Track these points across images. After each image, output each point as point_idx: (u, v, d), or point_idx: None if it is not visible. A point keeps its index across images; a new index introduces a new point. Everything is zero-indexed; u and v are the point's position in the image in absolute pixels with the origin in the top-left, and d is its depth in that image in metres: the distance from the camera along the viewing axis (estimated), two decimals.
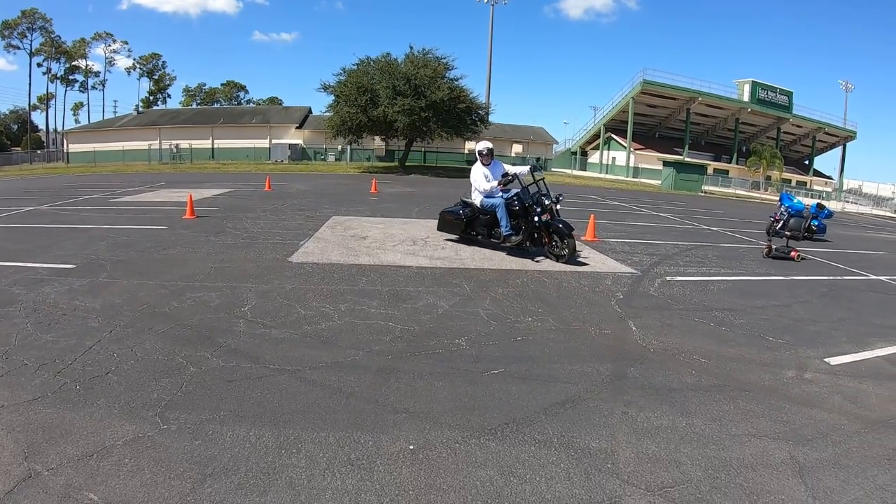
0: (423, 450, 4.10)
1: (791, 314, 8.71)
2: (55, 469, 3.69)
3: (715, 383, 5.67)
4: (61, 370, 5.25)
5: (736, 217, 26.94)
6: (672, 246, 14.55)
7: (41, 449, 3.92)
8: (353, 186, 30.51)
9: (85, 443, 4.02)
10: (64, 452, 3.88)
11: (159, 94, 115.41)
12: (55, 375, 5.13)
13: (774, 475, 4.02)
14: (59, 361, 5.45)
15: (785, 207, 16.74)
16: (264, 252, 10.95)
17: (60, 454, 3.86)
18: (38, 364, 5.37)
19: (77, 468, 3.71)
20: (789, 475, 4.03)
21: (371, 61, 48.78)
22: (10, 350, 5.72)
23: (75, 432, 4.14)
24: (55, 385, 4.93)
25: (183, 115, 76.26)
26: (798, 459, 4.26)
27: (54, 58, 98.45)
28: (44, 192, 25.66)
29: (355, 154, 63.74)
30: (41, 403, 4.58)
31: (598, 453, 4.16)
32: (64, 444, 3.98)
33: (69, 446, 3.96)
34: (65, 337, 6.13)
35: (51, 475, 3.63)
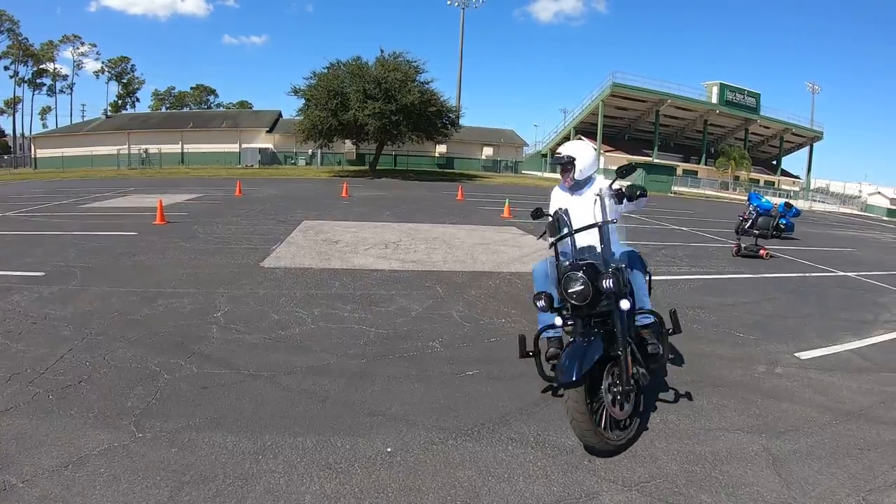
0: (400, 452, 4.10)
1: (761, 311, 8.82)
2: (30, 480, 3.64)
3: (687, 379, 5.73)
4: (33, 380, 5.16)
5: (705, 217, 27.27)
6: (642, 245, 14.59)
7: (15, 460, 3.85)
8: (325, 190, 30.44)
9: (59, 453, 3.96)
10: (38, 463, 3.82)
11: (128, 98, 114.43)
12: (27, 385, 5.05)
13: (749, 467, 4.07)
14: (30, 371, 5.36)
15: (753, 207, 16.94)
16: (236, 257, 10.87)
17: (35, 465, 3.80)
18: (9, 374, 5.28)
19: (52, 479, 3.66)
20: (763, 467, 4.09)
21: (341, 65, 48.73)
22: None
23: (49, 442, 4.08)
24: (27, 395, 4.85)
25: (152, 119, 75.50)
26: (772, 451, 4.32)
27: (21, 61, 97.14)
28: (11, 198, 25.25)
29: (326, 158, 63.51)
30: (13, 414, 4.51)
31: (574, 451, 4.19)
32: (38, 455, 3.92)
33: (43, 457, 3.90)
34: (36, 346, 6.03)
35: (26, 487, 3.57)
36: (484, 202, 26.36)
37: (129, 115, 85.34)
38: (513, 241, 14.06)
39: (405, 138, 47.60)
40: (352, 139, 52.25)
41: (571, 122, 79.70)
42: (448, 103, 51.07)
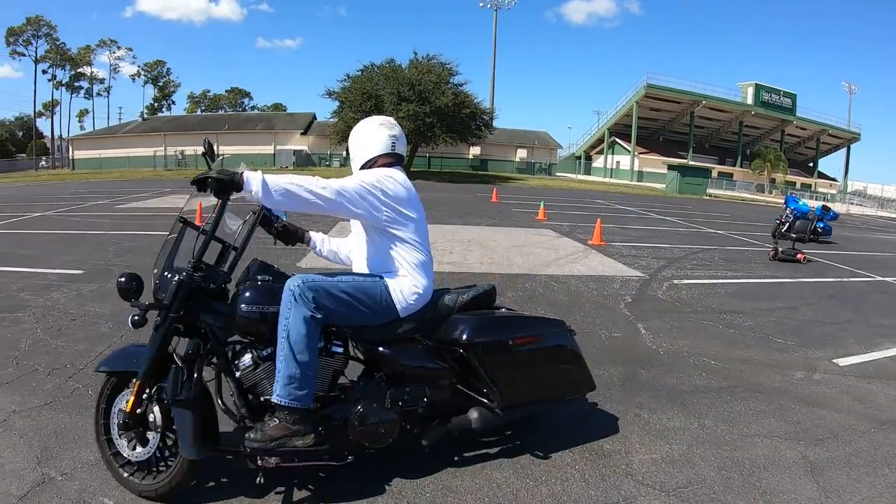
0: (439, 452, 4.09)
1: (798, 316, 8.74)
2: (69, 474, 3.69)
3: (725, 385, 5.70)
4: (73, 375, 5.27)
5: (741, 220, 26.94)
6: (678, 249, 14.58)
7: (54, 454, 3.92)
8: None
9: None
10: (77, 457, 3.88)
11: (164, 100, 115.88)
12: (66, 380, 5.15)
13: (787, 475, 4.04)
14: (70, 366, 5.47)
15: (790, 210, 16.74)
16: (273, 257, 10.84)
17: (74, 459, 3.86)
18: (49, 369, 5.40)
19: (91, 473, 3.70)
20: (801, 475, 4.05)
21: (375, 67, 48.97)
22: (20, 355, 5.75)
23: (88, 437, 4.07)
24: (67, 390, 4.95)
25: (188, 121, 76.45)
26: (809, 459, 4.28)
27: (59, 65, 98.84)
28: (50, 198, 25.75)
29: None
30: (53, 408, 4.60)
31: (612, 454, 4.18)
32: (77, 449, 3.98)
33: (83, 451, 3.95)
34: (75, 342, 6.16)
35: (65, 480, 3.62)
36: (518, 204, 26.35)
37: (166, 117, 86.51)
38: (548, 244, 14.06)
39: (439, 140, 47.63)
40: None
41: (605, 123, 79.34)
42: (482, 105, 51.04)
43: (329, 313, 3.43)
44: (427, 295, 3.75)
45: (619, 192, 47.11)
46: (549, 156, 74.25)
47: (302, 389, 3.30)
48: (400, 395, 3.68)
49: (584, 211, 24.66)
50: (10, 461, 3.81)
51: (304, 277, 3.44)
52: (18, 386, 4.99)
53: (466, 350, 3.70)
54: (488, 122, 51.75)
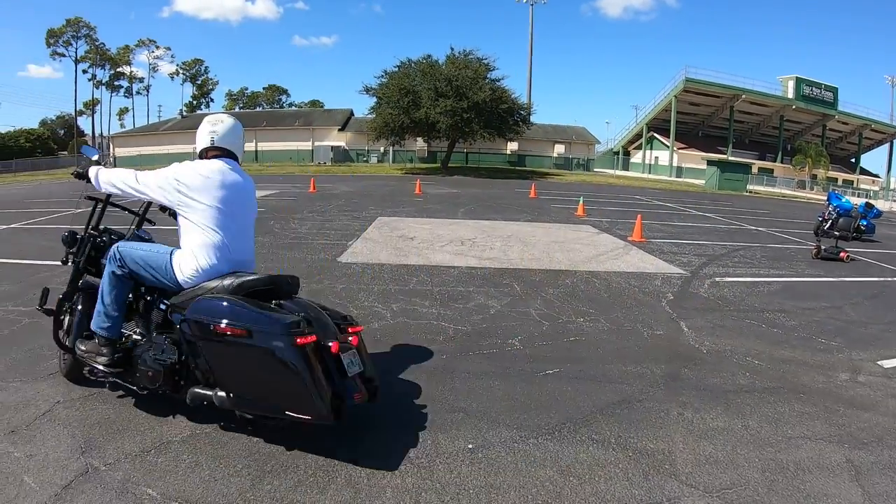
0: (481, 449, 4.15)
1: (842, 316, 8.63)
2: (113, 464, 3.77)
3: (769, 385, 5.67)
4: None
5: (782, 217, 26.58)
6: (720, 246, 14.46)
7: (98, 444, 4.00)
8: (397, 187, 30.69)
9: (142, 438, 4.10)
10: (121, 448, 3.96)
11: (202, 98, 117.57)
12: None
13: (831, 478, 4.02)
14: None
15: (833, 207, 16.55)
16: (313, 252, 11.14)
17: (118, 449, 3.94)
18: None
19: (134, 463, 3.79)
20: (846, 479, 4.03)
21: (412, 63, 49.09)
22: None
23: (132, 428, 4.23)
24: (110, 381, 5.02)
25: None
26: (854, 463, 4.25)
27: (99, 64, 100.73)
28: None
29: (398, 155, 63.99)
30: (97, 399, 4.70)
31: (655, 454, 4.19)
32: (121, 440, 4.06)
33: (126, 442, 4.04)
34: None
35: (108, 470, 3.70)
36: (556, 200, 26.28)
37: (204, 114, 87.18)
38: (588, 240, 14.04)
39: (477, 136, 47.57)
40: (423, 137, 52.48)
41: (643, 118, 78.58)
42: (519, 100, 50.86)
43: (132, 273, 4.37)
44: (208, 274, 4.19)
45: (657, 187, 46.69)
46: (586, 151, 73.75)
47: (106, 323, 4.36)
48: (169, 352, 4.15)
49: (623, 207, 24.54)
50: (55, 450, 3.92)
51: (122, 244, 4.58)
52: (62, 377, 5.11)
53: (181, 326, 4.02)
54: (526, 118, 51.51)
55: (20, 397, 4.73)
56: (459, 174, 47.82)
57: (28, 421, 4.32)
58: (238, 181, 4.44)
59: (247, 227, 4.61)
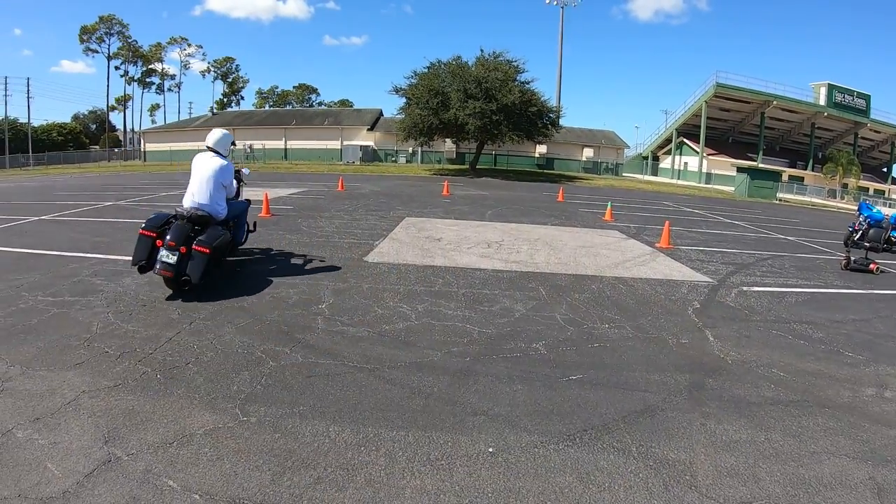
0: (502, 453, 4.17)
1: (871, 329, 8.52)
2: (135, 455, 3.85)
3: (794, 398, 5.63)
4: (142, 359, 5.49)
5: (812, 226, 26.27)
6: (748, 255, 14.33)
7: (121, 434, 4.09)
8: (425, 188, 30.71)
9: (165, 430, 4.19)
10: (143, 439, 4.05)
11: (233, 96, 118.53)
12: (136, 364, 5.37)
13: (853, 495, 3.99)
14: (139, 350, 5.70)
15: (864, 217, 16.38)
16: (340, 251, 11.19)
17: (140, 440, 4.03)
18: (119, 352, 5.63)
19: (156, 454, 3.87)
20: (868, 497, 3.99)
21: (442, 64, 48.98)
22: (91, 338, 6.02)
23: (155, 420, 4.32)
24: (136, 373, 5.16)
25: (256, 116, 77.83)
26: (877, 480, 4.21)
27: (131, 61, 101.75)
28: (122, 188, 26.58)
29: (426, 156, 64.14)
30: (122, 390, 4.80)
31: (676, 464, 4.18)
32: (144, 431, 4.15)
33: (149, 433, 4.13)
34: (145, 327, 6.41)
35: (130, 460, 3.79)
36: (584, 204, 26.16)
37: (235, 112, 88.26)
38: (615, 245, 13.97)
39: (505, 138, 47.42)
40: (452, 138, 52.42)
41: (673, 123, 78.14)
42: (548, 103, 50.64)
43: None
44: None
45: (686, 193, 46.36)
46: (615, 155, 73.33)
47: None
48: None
49: (651, 213, 24.37)
50: (78, 439, 4.02)
51: None
52: (88, 367, 5.24)
53: None
54: (555, 121, 51.29)
55: (46, 386, 4.84)
56: (487, 176, 47.76)
57: (53, 409, 4.43)
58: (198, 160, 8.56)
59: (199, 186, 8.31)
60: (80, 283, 8.13)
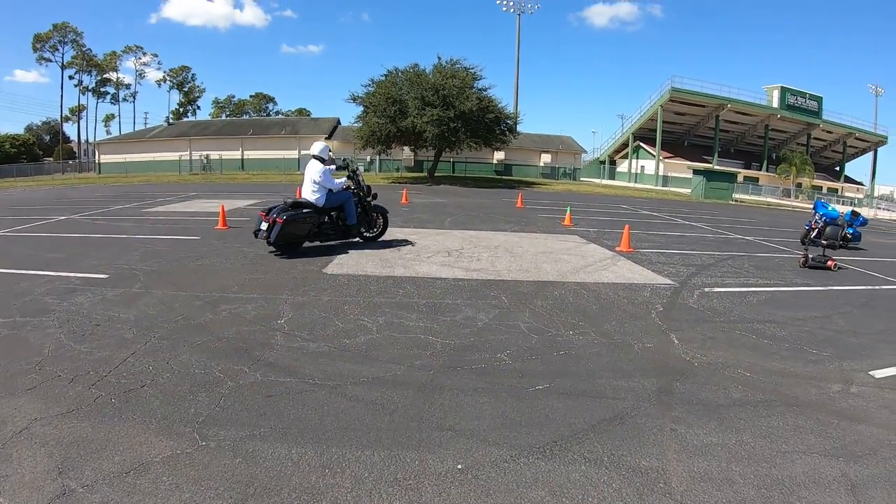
0: (471, 469, 4.07)
1: (832, 326, 8.62)
2: (90, 486, 3.68)
3: (762, 398, 5.63)
4: (96, 382, 5.28)
5: (768, 225, 26.66)
6: (707, 256, 14.44)
7: (76, 464, 3.91)
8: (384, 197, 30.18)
9: (121, 459, 4.00)
10: (99, 468, 3.87)
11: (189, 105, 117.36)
12: (89, 388, 5.16)
13: (828, 494, 3.98)
14: (93, 373, 5.49)
15: (820, 215, 16.60)
16: (298, 263, 11.01)
17: (96, 470, 3.85)
18: (71, 376, 5.41)
19: (113, 485, 3.69)
20: (842, 493, 3.99)
21: (399, 72, 49.02)
22: (43, 361, 5.78)
23: (111, 447, 4.14)
24: (89, 398, 4.95)
25: (213, 126, 77.05)
26: (850, 477, 4.21)
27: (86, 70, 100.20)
28: (76, 201, 26.07)
29: (384, 164, 64.04)
30: (75, 417, 4.60)
31: (649, 472, 4.13)
32: (99, 460, 3.97)
33: (105, 462, 3.95)
34: (99, 348, 6.18)
35: (86, 492, 3.61)
36: (544, 210, 26.24)
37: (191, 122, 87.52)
38: (576, 250, 13.96)
39: (463, 145, 47.52)
40: (410, 146, 52.41)
41: (629, 128, 79.03)
42: (506, 110, 50.88)
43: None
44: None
45: (644, 196, 46.82)
46: (573, 160, 73.82)
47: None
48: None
49: (610, 217, 24.54)
50: (31, 470, 3.82)
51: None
52: (40, 393, 5.02)
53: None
54: (512, 127, 51.47)
55: None
56: (446, 183, 47.75)
57: (3, 439, 4.23)
58: (308, 166, 12.49)
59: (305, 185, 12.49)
60: (31, 303, 7.87)
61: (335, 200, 12.71)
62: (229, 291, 8.77)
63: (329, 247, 13.00)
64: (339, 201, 12.83)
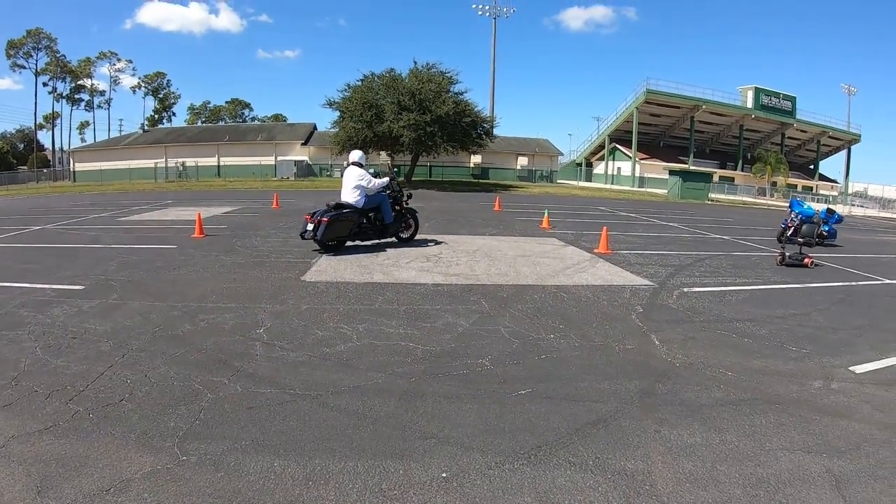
0: (456, 477, 4.02)
1: (811, 323, 8.68)
2: None
3: (744, 397, 5.64)
4: (73, 397, 5.18)
5: (745, 224, 26.89)
6: (685, 256, 14.51)
7: (55, 483, 3.82)
8: None
9: (101, 476, 3.91)
10: (79, 487, 3.78)
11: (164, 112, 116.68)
12: (67, 403, 5.06)
13: (812, 490, 3.99)
14: (70, 388, 5.38)
15: (796, 214, 16.73)
16: (276, 271, 10.93)
17: (76, 489, 3.76)
18: (48, 391, 5.30)
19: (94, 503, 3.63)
20: (827, 489, 4.00)
21: (375, 77, 48.99)
22: (19, 376, 5.66)
23: (90, 464, 4.05)
24: (67, 413, 4.85)
25: (188, 133, 76.62)
26: (834, 472, 4.23)
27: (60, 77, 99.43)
28: (51, 211, 25.73)
29: None
30: (53, 433, 4.50)
31: (634, 475, 4.11)
32: (79, 478, 3.88)
33: (84, 480, 3.86)
34: (76, 362, 6.06)
35: None
36: (521, 213, 26.28)
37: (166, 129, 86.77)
38: (554, 253, 13.98)
39: (440, 149, 47.45)
40: (387, 151, 52.23)
41: (606, 129, 79.62)
42: (482, 114, 50.95)
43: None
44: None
45: (621, 198, 47.04)
46: (550, 163, 74.06)
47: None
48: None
49: (588, 218, 24.61)
50: (8, 490, 3.73)
51: None
52: (17, 409, 4.91)
53: None
54: (489, 131, 51.65)
55: None
56: (423, 188, 47.62)
57: None
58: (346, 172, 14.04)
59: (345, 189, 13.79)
60: (6, 316, 7.73)
61: (373, 202, 14.07)
62: (207, 301, 8.66)
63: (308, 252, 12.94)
64: (376, 202, 14.15)
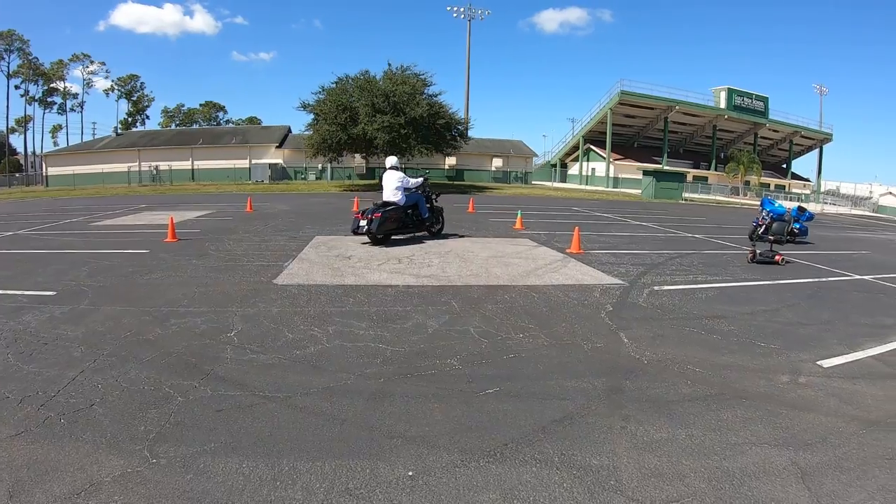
0: (422, 475, 4.01)
1: (780, 318, 8.75)
2: None
3: (711, 392, 5.66)
4: (45, 403, 5.11)
5: (717, 223, 27.11)
6: (657, 255, 14.58)
7: (26, 487, 3.78)
8: (336, 205, 30.38)
9: (72, 479, 3.88)
10: (50, 490, 3.75)
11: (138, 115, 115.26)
12: (38, 408, 4.99)
13: (778, 482, 4.01)
14: (41, 393, 5.31)
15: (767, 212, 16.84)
16: (249, 275, 10.85)
17: (47, 492, 3.72)
18: (20, 397, 5.23)
19: None
20: (792, 482, 4.02)
21: (350, 79, 48.84)
22: None
23: (62, 469, 4.01)
24: (39, 419, 4.79)
25: (162, 136, 75.97)
26: (800, 465, 4.25)
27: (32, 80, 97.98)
28: (23, 216, 25.39)
29: (336, 172, 63.75)
30: (24, 438, 4.45)
31: (600, 470, 4.10)
32: (50, 482, 3.84)
33: (55, 484, 3.82)
34: (47, 367, 5.98)
35: None
36: (495, 214, 26.31)
37: (140, 132, 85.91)
38: (526, 254, 13.99)
39: (414, 151, 47.45)
40: (361, 153, 52.17)
41: (580, 131, 79.96)
42: (456, 115, 51.03)
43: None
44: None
45: (595, 198, 47.28)
46: (524, 164, 74.33)
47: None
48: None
49: (561, 219, 24.67)
50: None
51: None
52: None
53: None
54: (463, 132, 51.77)
55: None
56: None
57: None
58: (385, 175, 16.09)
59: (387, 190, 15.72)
60: None
61: (411, 200, 16.03)
62: (179, 305, 8.57)
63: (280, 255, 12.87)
64: (413, 200, 16.10)
